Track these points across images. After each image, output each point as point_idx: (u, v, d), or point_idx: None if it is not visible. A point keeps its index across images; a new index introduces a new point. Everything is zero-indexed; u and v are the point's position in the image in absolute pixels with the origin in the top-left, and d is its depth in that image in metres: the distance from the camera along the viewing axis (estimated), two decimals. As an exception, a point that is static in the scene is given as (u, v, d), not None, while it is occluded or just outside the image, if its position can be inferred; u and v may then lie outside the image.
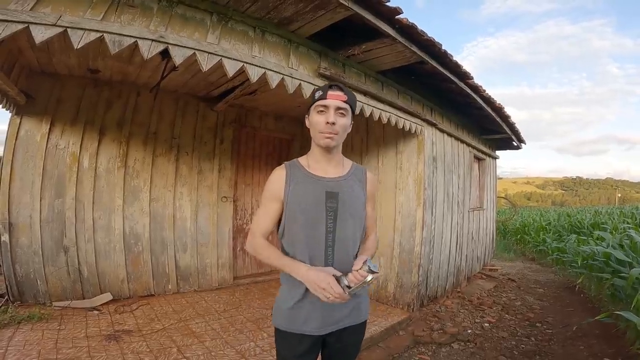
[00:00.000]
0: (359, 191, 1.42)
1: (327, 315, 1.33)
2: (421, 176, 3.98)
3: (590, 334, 3.60)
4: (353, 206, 1.36)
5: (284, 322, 1.35)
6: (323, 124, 1.29)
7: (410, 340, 3.37)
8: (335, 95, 1.30)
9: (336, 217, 1.32)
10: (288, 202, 1.33)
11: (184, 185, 4.32)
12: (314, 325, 1.32)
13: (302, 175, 1.36)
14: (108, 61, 3.31)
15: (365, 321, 1.47)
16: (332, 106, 1.29)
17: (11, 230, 3.29)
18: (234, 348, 2.83)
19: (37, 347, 2.58)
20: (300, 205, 1.32)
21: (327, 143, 1.31)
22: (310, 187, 1.34)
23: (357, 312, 1.40)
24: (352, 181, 1.41)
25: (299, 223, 1.32)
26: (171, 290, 4.17)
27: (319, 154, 1.38)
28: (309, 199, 1.32)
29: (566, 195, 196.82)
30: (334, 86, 1.33)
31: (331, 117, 1.28)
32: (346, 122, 1.34)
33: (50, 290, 3.46)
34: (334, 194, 1.33)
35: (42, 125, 3.46)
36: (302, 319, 1.32)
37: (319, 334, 1.33)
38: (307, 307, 1.32)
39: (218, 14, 2.24)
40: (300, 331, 1.32)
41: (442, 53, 3.17)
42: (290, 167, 1.39)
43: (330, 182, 1.36)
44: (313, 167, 1.39)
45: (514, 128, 6.01)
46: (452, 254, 4.86)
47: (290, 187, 1.34)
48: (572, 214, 12.63)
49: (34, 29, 1.59)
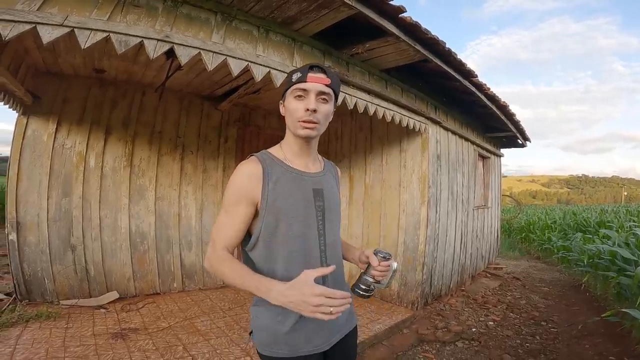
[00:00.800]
0: (336, 189, 1.27)
1: (331, 325, 1.13)
2: (425, 174, 3.98)
3: (595, 332, 3.58)
4: (335, 204, 1.21)
5: (285, 349, 1.08)
6: (302, 110, 1.08)
7: (414, 338, 3.37)
8: (317, 77, 1.08)
9: (324, 217, 1.14)
10: (268, 206, 1.07)
11: (189, 184, 4.35)
12: (318, 342, 1.12)
13: (282, 171, 1.12)
14: (113, 61, 3.33)
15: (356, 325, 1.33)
16: (312, 90, 1.07)
17: (19, 229, 3.33)
18: (239, 346, 2.84)
19: (45, 345, 2.61)
20: (289, 209, 1.09)
21: (307, 133, 1.10)
22: (295, 185, 1.12)
23: (351, 316, 1.26)
24: (329, 176, 1.25)
25: (288, 231, 1.08)
26: (176, 288, 4.20)
27: (297, 146, 1.16)
28: (297, 199, 1.11)
29: (572, 193, 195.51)
30: (315, 67, 1.10)
31: (312, 103, 1.07)
32: (329, 109, 1.12)
33: (58, 289, 3.50)
34: (320, 192, 1.16)
35: (49, 124, 3.50)
36: (302, 340, 1.09)
37: (324, 350, 1.14)
38: (308, 327, 1.09)
39: (222, 14, 2.25)
40: (305, 353, 1.09)
41: (446, 51, 3.16)
42: (265, 162, 1.11)
43: (314, 178, 1.17)
44: (293, 161, 1.16)
45: (519, 126, 5.98)
46: (456, 252, 4.86)
47: (269, 188, 1.08)
48: (578, 213, 12.54)
49: (42, 29, 1.61)
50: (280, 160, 1.14)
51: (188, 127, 4.36)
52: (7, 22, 1.55)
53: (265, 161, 1.12)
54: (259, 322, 1.13)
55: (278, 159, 1.15)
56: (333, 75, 1.13)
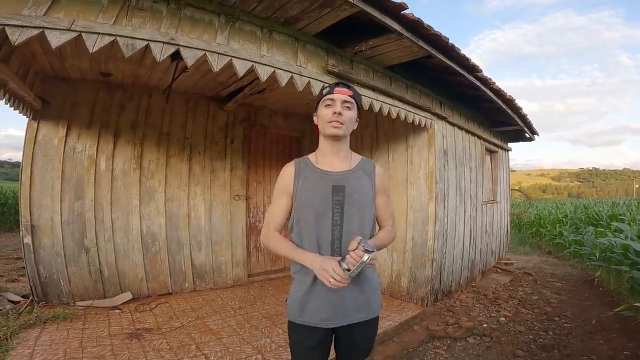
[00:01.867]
0: (367, 185, 1.45)
1: (335, 307, 1.36)
2: (432, 170, 3.97)
3: (609, 327, 3.54)
4: (360, 200, 1.40)
5: (294, 314, 1.40)
6: (330, 114, 1.37)
7: (424, 334, 3.37)
8: (342, 90, 1.40)
9: (342, 210, 1.36)
10: (296, 197, 1.39)
11: (197, 184, 4.39)
12: (322, 316, 1.36)
13: (310, 170, 1.42)
14: (119, 64, 3.38)
15: (377, 317, 1.49)
16: (338, 99, 1.38)
17: (34, 232, 3.40)
18: (250, 344, 2.88)
19: (63, 346, 2.67)
20: (308, 200, 1.37)
21: (334, 132, 1.37)
22: (317, 182, 1.39)
23: (367, 307, 1.42)
24: (359, 175, 1.44)
25: (306, 217, 1.37)
26: (188, 288, 4.25)
27: (327, 147, 1.44)
28: (316, 194, 1.38)
29: (583, 186, 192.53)
30: (341, 84, 1.42)
31: (338, 107, 1.37)
32: (352, 115, 1.41)
33: (73, 290, 3.56)
34: (341, 188, 1.38)
35: (59, 129, 3.56)
36: (310, 310, 1.37)
37: (328, 327, 1.37)
38: (315, 298, 1.37)
39: (225, 15, 2.27)
40: (310, 323, 1.37)
41: (449, 47, 3.15)
42: (299, 163, 1.45)
43: (337, 175, 1.41)
44: (321, 162, 1.44)
45: (526, 120, 5.92)
46: (465, 247, 4.83)
47: (298, 183, 1.40)
48: (589, 206, 12.37)
49: (49, 34, 1.64)
50: (311, 163, 1.45)
51: (195, 128, 4.40)
52: (16, 27, 1.58)
53: (299, 164, 1.45)
54: (291, 290, 1.47)
55: (310, 162, 1.45)
56: (354, 89, 1.44)
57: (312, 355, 1.40)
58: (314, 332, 1.37)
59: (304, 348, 1.40)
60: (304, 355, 1.41)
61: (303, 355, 1.41)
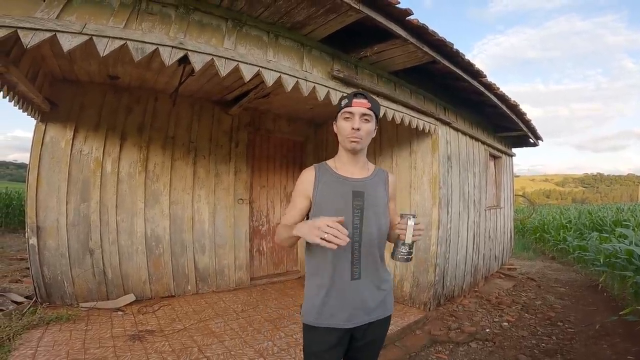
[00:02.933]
0: (382, 191, 1.49)
1: (355, 307, 1.38)
2: (436, 175, 3.97)
3: (613, 332, 3.52)
4: (377, 205, 1.44)
5: (312, 317, 1.39)
6: (349, 129, 1.38)
7: (427, 339, 3.36)
8: (360, 102, 1.39)
9: (362, 214, 1.40)
10: (316, 201, 1.42)
11: (201, 188, 4.42)
12: (342, 317, 1.37)
13: (329, 176, 1.45)
14: (127, 67, 3.42)
15: (390, 315, 1.53)
16: (357, 113, 1.38)
17: (39, 233, 3.43)
18: (252, 347, 2.88)
19: (66, 347, 2.68)
20: (329, 201, 1.41)
21: (353, 147, 1.41)
22: (338, 187, 1.43)
23: (383, 305, 1.46)
24: (375, 182, 1.49)
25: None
26: (190, 291, 4.26)
27: (346, 156, 1.47)
28: (337, 198, 1.41)
29: (587, 192, 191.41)
30: (359, 94, 1.41)
31: (356, 123, 1.37)
32: (370, 127, 1.42)
33: (77, 292, 3.58)
34: (360, 193, 1.42)
35: (66, 131, 3.60)
36: (329, 312, 1.37)
37: (347, 327, 1.38)
38: (334, 299, 1.37)
39: (233, 20, 2.30)
40: (329, 325, 1.37)
41: (454, 52, 3.16)
42: (319, 169, 1.48)
43: (357, 182, 1.45)
44: (340, 168, 1.47)
45: (530, 125, 5.92)
46: (469, 253, 4.82)
47: (318, 187, 1.43)
48: (594, 212, 12.30)
49: (61, 37, 1.66)
50: (330, 169, 1.47)
51: (200, 131, 4.43)
52: (28, 30, 1.60)
53: (319, 169, 1.47)
54: (305, 292, 1.47)
55: (329, 167, 1.48)
56: (373, 100, 1.42)
57: (331, 356, 1.40)
58: (332, 332, 1.38)
59: (322, 350, 1.40)
60: (323, 357, 1.40)
61: (321, 357, 1.41)
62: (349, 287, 1.38)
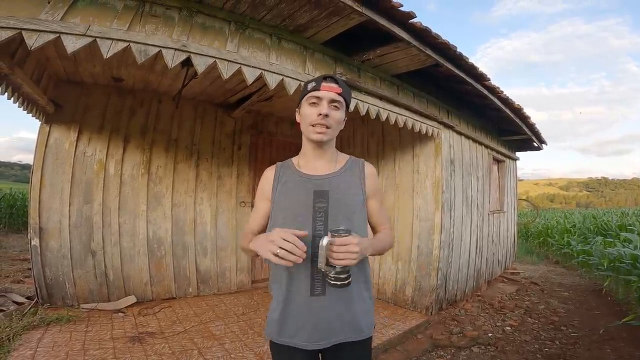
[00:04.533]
0: (355, 188, 1.27)
1: (317, 327, 1.18)
2: (439, 179, 3.96)
3: (617, 337, 3.49)
4: (347, 205, 1.23)
5: (274, 333, 1.22)
6: (315, 115, 1.19)
7: (429, 343, 3.34)
8: (329, 87, 1.20)
9: (327, 218, 1.19)
10: (274, 203, 1.27)
11: (204, 190, 4.42)
12: (304, 337, 1.18)
13: (290, 174, 1.28)
14: (131, 69, 3.43)
15: (369, 339, 1.28)
16: (325, 98, 1.19)
17: (41, 234, 3.44)
18: (252, 350, 2.87)
19: (65, 348, 2.68)
20: (285, 207, 1.23)
21: (319, 137, 1.21)
22: (298, 187, 1.24)
23: (353, 326, 1.21)
24: (346, 177, 1.28)
25: (283, 225, 1.15)
26: (192, 293, 4.26)
27: (309, 150, 1.28)
28: (294, 200, 1.23)
29: (591, 196, 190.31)
30: (328, 78, 1.23)
31: (324, 108, 1.18)
32: (340, 115, 1.23)
33: (78, 293, 3.59)
34: (324, 193, 1.21)
35: (70, 133, 3.61)
36: (291, 330, 1.19)
37: (310, 349, 1.19)
38: (293, 317, 1.19)
39: (235, 23, 2.31)
40: (291, 344, 1.19)
41: (457, 55, 3.16)
42: (280, 167, 1.33)
43: (320, 179, 1.24)
44: (303, 165, 1.30)
45: (534, 129, 5.89)
46: (471, 257, 4.80)
47: (277, 188, 1.27)
48: (598, 216, 12.22)
49: (65, 39, 1.67)
50: (293, 166, 1.31)
51: (203, 134, 4.44)
52: (33, 32, 1.61)
53: (281, 167, 1.32)
54: (270, 305, 1.30)
55: (292, 165, 1.31)
56: (344, 85, 1.25)
57: None
58: (296, 353, 1.19)
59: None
60: None
61: None
62: (308, 304, 1.17)
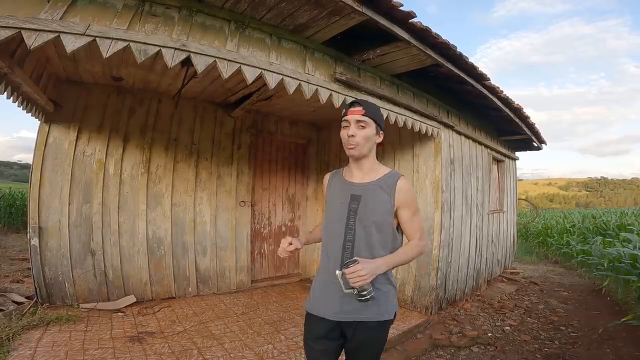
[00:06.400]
0: (385, 197, 1.49)
1: (339, 302, 1.45)
2: (438, 179, 3.95)
3: (617, 337, 3.49)
4: (374, 210, 1.47)
5: (308, 305, 1.57)
6: (346, 137, 1.48)
7: (428, 343, 3.34)
8: (354, 111, 1.47)
9: (356, 217, 1.47)
10: (326, 201, 1.64)
11: (203, 190, 4.42)
12: (331, 310, 1.47)
13: (337, 180, 1.62)
14: (130, 69, 3.42)
15: (386, 322, 1.50)
16: (352, 121, 1.47)
17: (41, 234, 3.43)
18: (252, 350, 2.87)
19: (65, 348, 2.67)
20: (329, 205, 1.59)
21: (350, 153, 1.50)
22: (340, 191, 1.56)
23: (375, 308, 1.45)
24: (378, 187, 1.51)
25: (328, 217, 1.58)
26: (191, 293, 4.25)
27: (351, 161, 1.57)
28: (337, 200, 1.55)
29: (591, 196, 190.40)
30: (355, 103, 1.50)
31: (351, 130, 1.46)
32: (367, 132, 1.47)
33: (78, 293, 3.58)
34: (357, 197, 1.50)
35: (70, 132, 3.61)
36: (322, 302, 1.51)
37: (334, 319, 1.46)
38: (320, 290, 1.54)
39: (235, 22, 2.30)
40: (318, 313, 1.49)
41: (458, 55, 3.15)
42: (333, 174, 1.68)
43: (357, 186, 1.53)
44: (347, 174, 1.60)
45: (534, 129, 5.89)
46: (471, 257, 4.80)
47: (329, 190, 1.63)
48: (598, 216, 12.23)
49: (65, 38, 1.66)
50: (341, 174, 1.63)
51: (202, 134, 4.44)
52: (32, 31, 1.60)
53: (334, 174, 1.67)
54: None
55: (341, 173, 1.63)
56: (368, 106, 1.49)
57: (316, 346, 1.50)
58: (321, 322, 1.48)
59: (310, 339, 1.52)
60: (307, 344, 1.54)
61: (306, 344, 1.54)
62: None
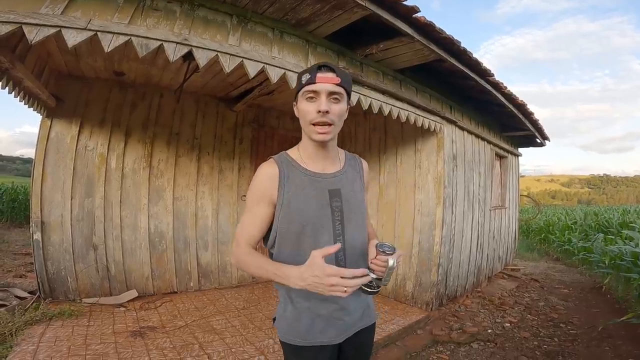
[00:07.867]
0: (358, 184, 1.25)
1: (343, 322, 1.18)
2: (441, 174, 3.94)
3: (616, 335, 3.50)
4: (355, 202, 1.20)
5: (300, 337, 1.16)
6: (314, 112, 1.08)
7: (428, 339, 3.35)
8: (326, 77, 1.07)
9: (342, 217, 1.15)
10: (283, 207, 1.12)
11: (205, 184, 4.42)
12: (332, 334, 1.17)
13: (298, 173, 1.16)
14: (132, 64, 3.41)
15: (375, 323, 1.34)
16: (323, 91, 1.07)
17: (43, 228, 3.44)
18: (253, 345, 2.88)
19: (67, 343, 2.69)
20: (302, 211, 1.12)
21: (321, 138, 1.10)
22: (312, 188, 1.15)
23: (368, 313, 1.27)
24: (350, 174, 1.24)
25: (299, 231, 1.12)
26: (193, 287, 4.27)
27: (313, 148, 1.17)
28: (312, 203, 1.13)
29: (593, 193, 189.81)
30: (324, 67, 1.10)
31: (323, 104, 1.07)
32: (342, 108, 1.11)
33: (80, 287, 3.60)
34: (337, 191, 1.16)
35: (72, 127, 3.60)
36: (318, 329, 1.16)
37: (337, 343, 1.19)
38: (319, 316, 1.16)
39: (238, 16, 2.29)
40: (318, 343, 1.16)
41: (461, 50, 3.13)
42: (282, 164, 1.16)
43: (331, 179, 1.18)
44: (309, 163, 1.18)
45: (537, 125, 5.86)
46: (472, 253, 4.80)
47: (285, 189, 1.13)
48: (600, 213, 12.21)
49: (66, 33, 1.66)
50: (296, 162, 1.18)
51: (204, 128, 4.43)
52: (33, 26, 1.60)
53: (283, 163, 1.16)
54: (282, 312, 1.21)
55: (295, 161, 1.18)
56: (343, 73, 1.12)
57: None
58: (323, 350, 1.17)
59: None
60: None
61: None
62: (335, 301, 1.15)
